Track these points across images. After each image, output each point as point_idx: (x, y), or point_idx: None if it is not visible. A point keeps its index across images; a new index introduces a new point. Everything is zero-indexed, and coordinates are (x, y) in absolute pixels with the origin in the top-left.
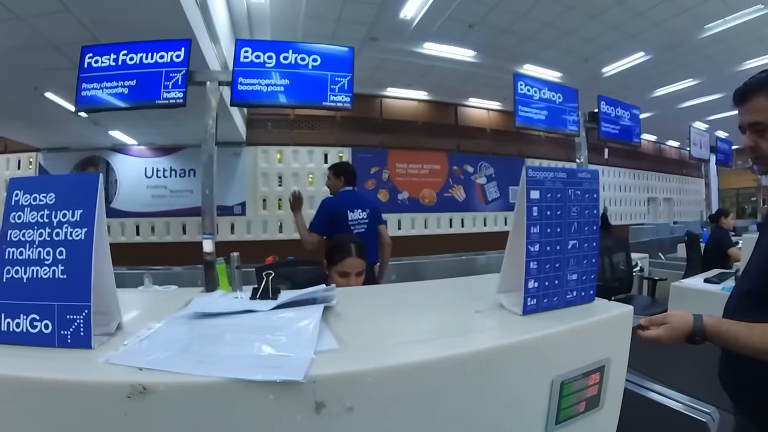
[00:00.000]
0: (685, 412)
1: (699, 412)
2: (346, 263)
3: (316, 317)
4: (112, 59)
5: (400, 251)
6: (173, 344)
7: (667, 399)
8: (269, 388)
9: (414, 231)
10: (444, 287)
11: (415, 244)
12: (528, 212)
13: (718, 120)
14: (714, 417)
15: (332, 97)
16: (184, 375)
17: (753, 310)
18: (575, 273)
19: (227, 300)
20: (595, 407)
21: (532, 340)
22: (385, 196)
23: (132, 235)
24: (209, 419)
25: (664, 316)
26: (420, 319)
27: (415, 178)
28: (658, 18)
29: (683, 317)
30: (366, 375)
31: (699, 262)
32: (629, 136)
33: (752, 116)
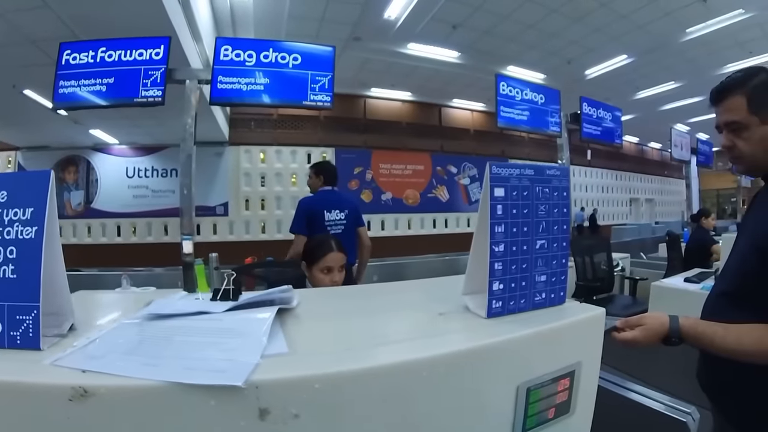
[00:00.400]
0: (666, 412)
1: (679, 411)
2: (329, 258)
3: (268, 319)
4: (90, 56)
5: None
6: (121, 346)
7: (647, 399)
8: (211, 393)
9: (397, 231)
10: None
11: (398, 244)
12: (492, 210)
13: (699, 122)
14: (694, 417)
15: (312, 97)
16: (126, 378)
17: (730, 309)
18: (544, 274)
19: (186, 301)
20: (566, 413)
21: (495, 344)
22: (369, 196)
23: (113, 235)
24: (150, 424)
25: (640, 318)
26: (379, 322)
27: (399, 179)
28: (640, 21)
29: (659, 319)
30: (312, 381)
31: (680, 262)
32: (611, 138)
33: (728, 116)
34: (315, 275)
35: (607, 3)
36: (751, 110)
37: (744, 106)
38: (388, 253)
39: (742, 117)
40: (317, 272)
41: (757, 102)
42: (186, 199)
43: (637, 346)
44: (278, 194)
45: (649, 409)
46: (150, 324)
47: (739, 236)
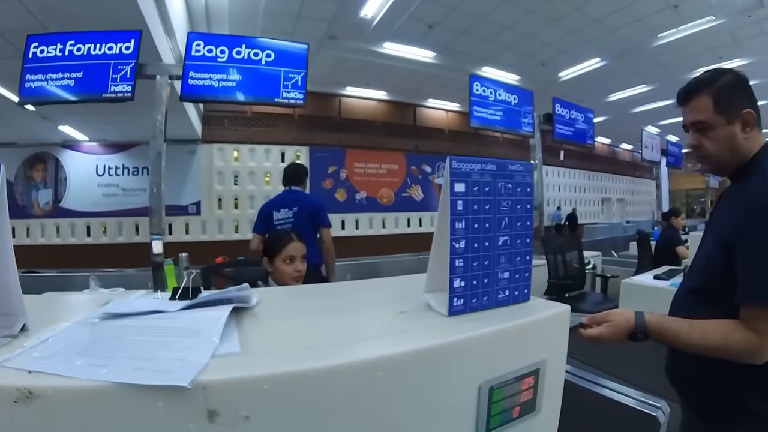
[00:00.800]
0: (636, 406)
1: (650, 406)
2: (290, 248)
3: (222, 318)
4: (58, 49)
5: (358, 251)
6: (71, 347)
7: (618, 394)
8: (158, 394)
9: (372, 231)
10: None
11: (372, 243)
12: (452, 206)
13: (670, 125)
14: (664, 411)
15: (285, 94)
16: (72, 379)
17: (698, 305)
18: (507, 271)
19: (144, 300)
20: (531, 412)
21: (455, 343)
22: (343, 195)
23: (82, 236)
24: (96, 426)
25: (606, 315)
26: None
27: (373, 178)
28: (613, 25)
29: (625, 315)
30: (262, 381)
31: (649, 260)
32: (583, 138)
33: (695, 115)
34: (278, 267)
35: (581, 7)
36: (718, 110)
37: (710, 106)
38: (363, 253)
39: (709, 117)
40: (280, 263)
41: (723, 102)
42: (155, 198)
43: (602, 343)
44: (252, 193)
45: (620, 404)
46: (103, 324)
47: (705, 234)
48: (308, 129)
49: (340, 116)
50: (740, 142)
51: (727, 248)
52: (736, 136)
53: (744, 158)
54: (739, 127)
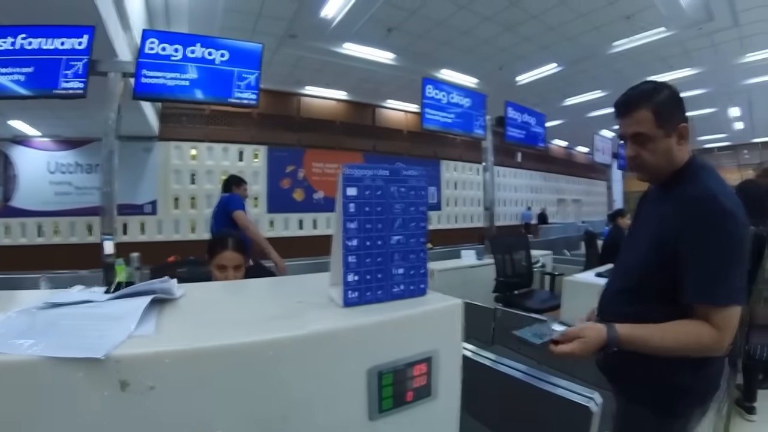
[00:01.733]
0: (570, 397)
1: (582, 396)
2: (223, 256)
3: (141, 306)
4: (9, 43)
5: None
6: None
7: (551, 386)
8: (79, 366)
9: (329, 230)
10: (290, 283)
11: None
12: (345, 208)
13: None
14: (597, 401)
15: (238, 94)
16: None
17: (629, 304)
18: (401, 267)
19: (80, 293)
20: (426, 396)
21: (343, 329)
22: (301, 195)
23: (33, 236)
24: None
25: (579, 330)
26: (244, 309)
27: (332, 178)
28: (570, 33)
29: (596, 330)
30: (164, 356)
31: (596, 258)
32: (535, 141)
33: (636, 127)
34: (213, 271)
35: (537, 15)
36: (658, 124)
37: (651, 119)
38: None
39: (649, 130)
40: (213, 268)
41: (664, 117)
42: (107, 197)
43: (572, 358)
44: (209, 192)
45: (554, 395)
46: (42, 312)
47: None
48: (267, 128)
49: (299, 115)
50: (675, 153)
51: (665, 250)
52: (672, 147)
53: (675, 167)
54: (675, 139)
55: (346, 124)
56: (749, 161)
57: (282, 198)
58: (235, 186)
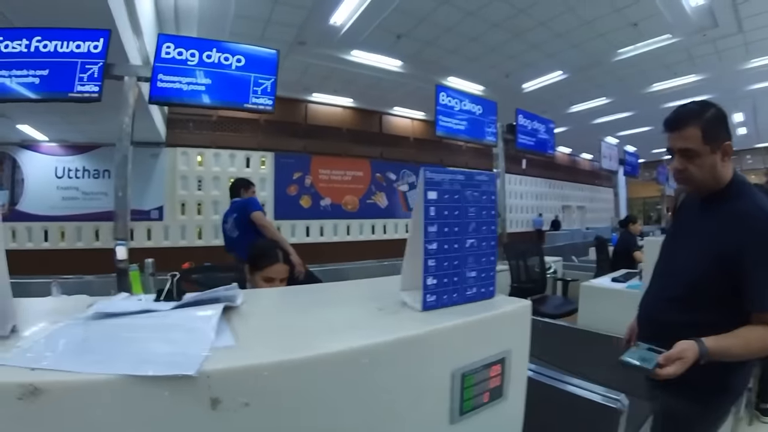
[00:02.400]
0: (598, 400)
1: (610, 399)
2: (273, 269)
3: (214, 315)
4: (24, 45)
5: (323, 257)
6: (68, 345)
7: (581, 390)
8: (164, 384)
9: (336, 237)
10: (350, 288)
11: (337, 250)
12: (425, 212)
13: (628, 135)
14: (624, 403)
15: (254, 99)
16: (77, 374)
17: (681, 312)
18: (474, 270)
19: (129, 302)
20: (499, 397)
21: (430, 333)
22: (308, 201)
23: (40, 240)
24: (105, 417)
25: (679, 352)
26: (321, 315)
27: (338, 185)
28: (576, 40)
29: (692, 349)
30: (261, 369)
31: (607, 263)
32: (544, 148)
33: (685, 143)
34: (257, 281)
35: (545, 22)
36: (705, 141)
37: (699, 136)
38: (328, 259)
39: (697, 146)
40: (259, 279)
41: (711, 134)
42: (121, 202)
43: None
44: (216, 199)
45: (584, 399)
46: (95, 323)
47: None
48: (274, 134)
49: (306, 122)
50: (719, 169)
51: (725, 262)
52: (716, 163)
53: (721, 183)
54: (720, 156)
55: (353, 131)
56: (752, 166)
57: (289, 204)
58: (244, 189)
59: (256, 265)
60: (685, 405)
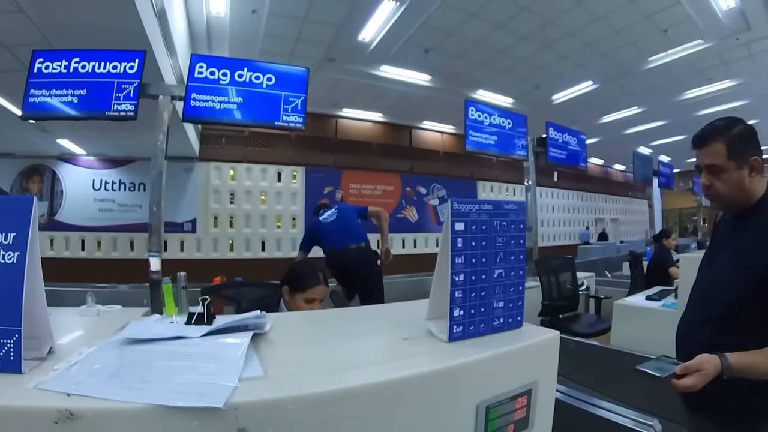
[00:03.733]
0: (630, 425)
1: (642, 424)
2: (316, 290)
3: (243, 344)
4: (63, 66)
5: None
6: (103, 370)
7: (611, 413)
8: (193, 414)
9: None
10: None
11: None
12: (453, 243)
13: (661, 145)
14: (657, 429)
15: (285, 117)
16: (111, 401)
17: (720, 333)
18: (501, 300)
19: (162, 325)
20: (524, 429)
21: (456, 366)
22: None
23: (77, 249)
24: None
25: (698, 364)
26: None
27: (368, 199)
28: (605, 49)
29: (713, 362)
30: (287, 402)
31: (642, 280)
32: (576, 161)
33: (710, 159)
34: (297, 302)
35: (573, 32)
36: (730, 156)
37: (724, 152)
38: None
39: (722, 161)
40: (300, 300)
41: (736, 150)
42: (155, 215)
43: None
44: (247, 212)
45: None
46: (130, 348)
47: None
48: (305, 149)
49: (336, 137)
50: (746, 185)
51: (760, 281)
52: (743, 179)
53: (750, 198)
54: (747, 171)
55: (383, 146)
56: None
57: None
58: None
59: (299, 287)
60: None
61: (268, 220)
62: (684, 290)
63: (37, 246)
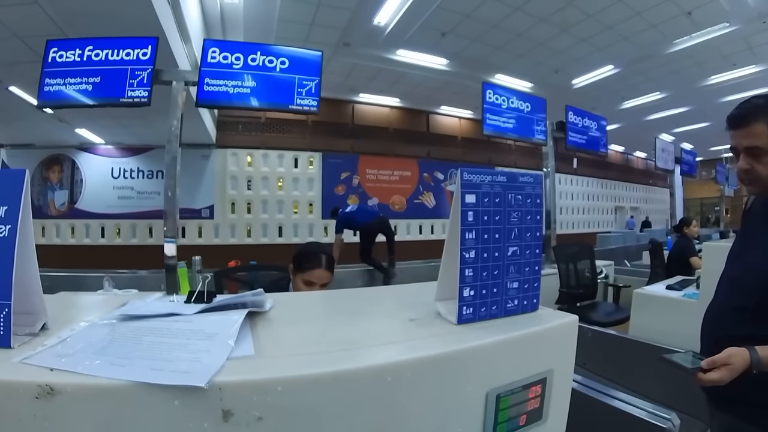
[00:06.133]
0: (646, 418)
1: (660, 417)
2: (314, 273)
3: (237, 322)
4: (77, 54)
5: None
6: (90, 346)
7: (628, 405)
8: (175, 393)
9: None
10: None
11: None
12: (462, 217)
13: (684, 132)
14: (674, 422)
15: (299, 101)
16: (92, 377)
17: (751, 324)
18: (516, 281)
19: (159, 303)
20: (538, 420)
21: (464, 350)
22: (355, 201)
23: (96, 236)
24: (114, 423)
25: (726, 358)
26: (349, 326)
27: (386, 184)
28: (627, 32)
29: (742, 356)
30: (276, 384)
31: (662, 269)
32: (596, 146)
33: (751, 140)
34: (297, 283)
35: (594, 14)
36: None
37: (766, 132)
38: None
39: (765, 143)
40: (299, 281)
41: None
42: (170, 201)
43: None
44: (264, 198)
45: (630, 416)
46: (121, 324)
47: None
48: (321, 135)
49: (353, 123)
50: None
51: None
52: None
53: None
54: None
55: (400, 131)
56: None
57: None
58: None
59: (299, 266)
60: (745, 427)
61: (285, 205)
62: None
63: (30, 220)
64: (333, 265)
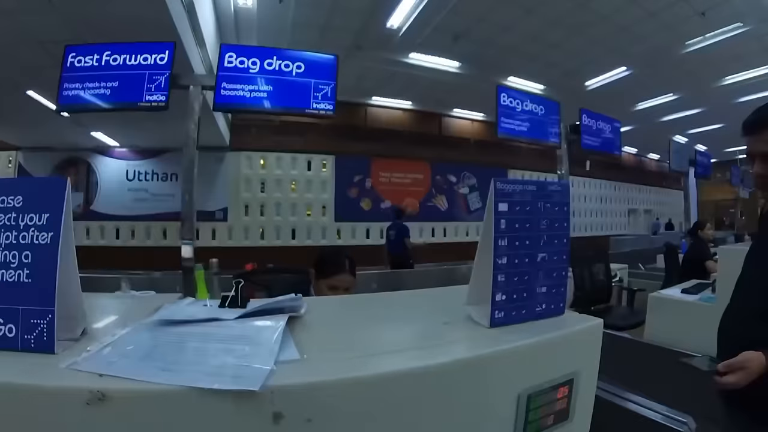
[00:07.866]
0: (662, 421)
1: (676, 421)
2: (339, 278)
3: (279, 327)
4: (95, 59)
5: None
6: (136, 351)
7: (644, 409)
8: (228, 397)
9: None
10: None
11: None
12: (496, 225)
13: (698, 134)
14: (691, 426)
15: (315, 104)
16: (143, 382)
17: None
18: (544, 286)
19: (195, 307)
20: (564, 420)
21: (498, 353)
22: (368, 204)
23: (112, 238)
24: (168, 427)
25: (743, 361)
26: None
27: (398, 187)
28: (640, 34)
29: (758, 359)
30: (325, 386)
31: (677, 273)
32: (610, 149)
33: (766, 146)
34: (320, 288)
35: (607, 15)
36: None
37: None
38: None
39: None
40: (323, 286)
41: None
42: (187, 204)
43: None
44: (278, 200)
45: (647, 419)
46: (163, 329)
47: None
48: (334, 138)
49: (366, 125)
50: None
51: None
52: None
53: None
54: None
55: (413, 134)
56: None
57: (350, 207)
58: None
59: (323, 272)
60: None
61: (299, 208)
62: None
63: (71, 227)
64: (355, 268)
